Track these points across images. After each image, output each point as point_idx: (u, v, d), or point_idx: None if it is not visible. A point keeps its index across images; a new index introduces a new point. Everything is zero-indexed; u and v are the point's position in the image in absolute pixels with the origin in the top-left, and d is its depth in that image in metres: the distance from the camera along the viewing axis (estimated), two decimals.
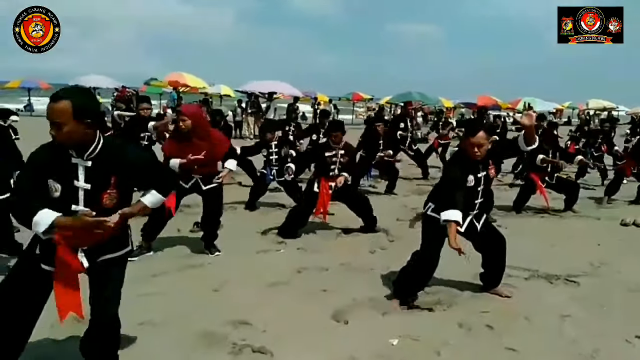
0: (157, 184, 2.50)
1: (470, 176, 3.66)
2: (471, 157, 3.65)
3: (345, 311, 3.61)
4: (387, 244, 5.44)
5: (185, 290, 3.98)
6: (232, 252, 4.95)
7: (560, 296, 4.06)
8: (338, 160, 5.61)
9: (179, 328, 3.28)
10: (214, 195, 4.85)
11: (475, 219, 3.80)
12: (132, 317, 3.36)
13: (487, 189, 3.78)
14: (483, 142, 3.60)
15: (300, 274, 4.42)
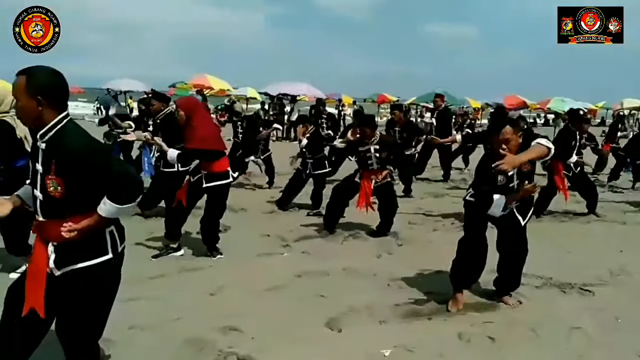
0: (108, 189, 2.21)
1: (499, 175, 3.51)
2: (499, 155, 3.48)
3: (339, 319, 3.47)
4: (395, 249, 5.27)
5: (181, 293, 3.91)
6: (235, 255, 4.88)
7: (573, 306, 3.83)
8: (372, 155, 5.53)
9: (166, 333, 3.20)
10: (213, 195, 4.77)
11: (517, 210, 3.64)
12: (122, 320, 3.31)
13: (522, 182, 3.61)
14: (510, 137, 3.47)
15: (300, 278, 4.30)
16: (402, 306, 3.70)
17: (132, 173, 2.34)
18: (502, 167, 3.22)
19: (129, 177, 2.26)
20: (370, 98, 29.82)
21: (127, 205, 2.27)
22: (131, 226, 5.63)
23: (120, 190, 2.23)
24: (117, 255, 2.40)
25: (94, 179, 2.18)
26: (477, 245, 3.58)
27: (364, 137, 5.56)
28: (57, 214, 2.18)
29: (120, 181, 2.24)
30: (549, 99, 22.18)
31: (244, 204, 7.21)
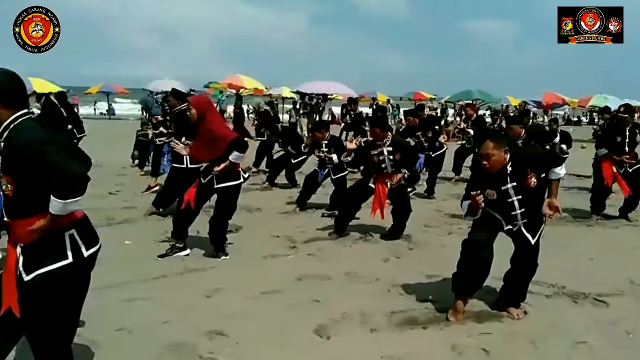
0: (52, 185, 2.10)
1: (488, 190, 3.36)
2: (484, 170, 3.35)
3: (330, 326, 3.38)
4: (405, 252, 5.13)
5: (176, 295, 3.90)
6: (240, 256, 4.86)
7: (582, 319, 3.60)
8: (386, 157, 5.39)
9: (152, 336, 3.19)
10: (223, 196, 4.77)
11: (525, 228, 3.49)
12: (112, 322, 3.36)
13: (527, 198, 3.43)
14: (490, 152, 3.30)
15: (300, 282, 4.23)
16: (399, 314, 3.58)
17: (71, 166, 2.16)
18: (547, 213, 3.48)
19: (67, 170, 2.11)
20: (406, 96, 29.42)
21: (70, 200, 2.14)
22: (147, 226, 5.84)
23: (60, 185, 2.12)
24: (81, 260, 2.31)
25: (35, 173, 2.10)
26: (479, 253, 3.41)
27: (375, 138, 5.44)
28: (17, 213, 2.18)
29: (58, 175, 2.11)
30: (591, 97, 21.27)
31: (261, 203, 7.21)
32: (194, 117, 4.55)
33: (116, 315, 3.50)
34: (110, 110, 29.32)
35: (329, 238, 5.52)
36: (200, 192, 4.77)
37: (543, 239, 5.65)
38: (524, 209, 3.43)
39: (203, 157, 4.71)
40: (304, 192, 6.89)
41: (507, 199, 3.41)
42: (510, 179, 3.39)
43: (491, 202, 3.46)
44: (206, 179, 4.75)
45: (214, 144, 4.60)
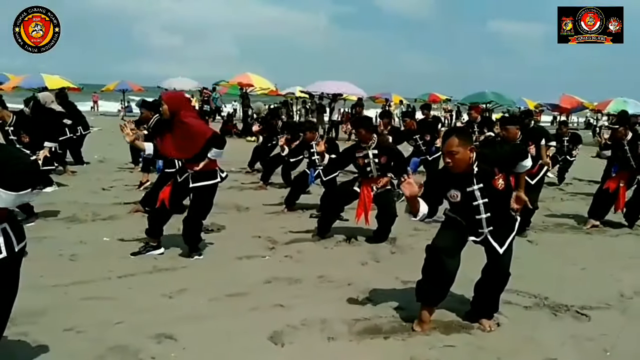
0: (3, 178, 2.12)
1: (452, 191, 3.17)
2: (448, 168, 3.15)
3: (287, 332, 3.22)
4: (386, 256, 4.94)
5: (137, 295, 3.78)
6: (214, 257, 4.74)
7: (558, 333, 3.37)
8: (371, 160, 5.18)
9: (99, 338, 3.06)
10: (198, 195, 4.64)
11: (492, 236, 3.26)
12: (64, 321, 3.26)
13: (494, 202, 3.21)
14: (455, 149, 3.07)
15: (268, 284, 4.08)
16: (362, 322, 3.39)
17: (21, 156, 2.21)
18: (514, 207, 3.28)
19: (17, 161, 2.14)
20: (421, 98, 29.07)
21: (23, 192, 2.17)
22: (129, 223, 5.75)
23: (14, 176, 2.13)
24: (12, 254, 2.30)
25: None
26: (443, 261, 3.20)
27: (361, 140, 5.25)
28: None
29: (9, 166, 2.12)
30: (610, 100, 20.69)
31: (251, 203, 7.09)
32: (166, 112, 4.43)
33: (71, 314, 3.39)
34: (127, 107, 29.63)
35: (311, 240, 5.36)
36: (176, 191, 4.64)
37: (536, 245, 5.50)
38: (489, 214, 3.21)
39: (177, 155, 4.58)
40: (293, 192, 6.74)
41: (472, 201, 3.20)
42: (477, 180, 3.17)
43: (455, 205, 3.25)
44: (182, 178, 4.62)
45: (190, 141, 4.46)
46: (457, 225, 3.31)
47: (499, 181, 3.16)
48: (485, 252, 3.35)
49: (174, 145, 4.50)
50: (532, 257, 5.03)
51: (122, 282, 4.07)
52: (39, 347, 2.93)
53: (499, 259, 3.27)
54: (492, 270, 3.32)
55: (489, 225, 3.24)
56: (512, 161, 3.30)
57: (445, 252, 3.21)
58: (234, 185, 8.58)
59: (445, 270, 3.21)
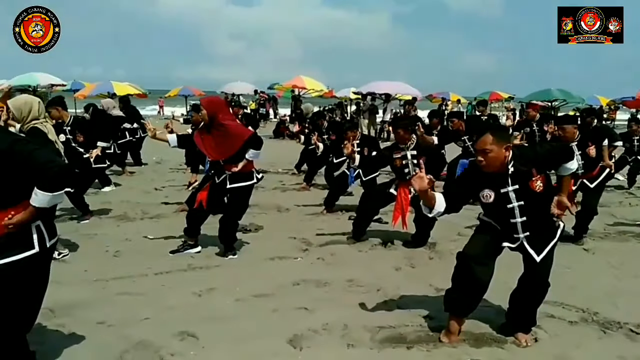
0: (36, 178, 2.26)
1: (485, 191, 2.98)
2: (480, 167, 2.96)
3: (307, 336, 3.17)
4: (422, 262, 4.76)
5: (168, 292, 3.87)
6: (247, 257, 4.78)
7: (604, 353, 3.11)
8: (409, 161, 5.05)
9: (126, 333, 3.16)
10: (234, 196, 4.68)
11: (528, 243, 3.06)
12: (98, 315, 3.37)
13: (531, 205, 3.00)
14: (488, 147, 2.88)
15: (296, 286, 4.05)
16: (386, 329, 3.28)
17: (55, 160, 2.33)
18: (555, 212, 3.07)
19: (52, 164, 2.26)
20: (481, 96, 28.09)
21: (58, 192, 2.32)
22: (174, 222, 5.88)
23: (46, 178, 2.27)
24: (45, 250, 2.44)
25: (17, 168, 2.23)
26: (473, 269, 3.03)
27: (399, 141, 5.08)
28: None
29: (44, 169, 2.26)
30: None
31: (292, 204, 7.09)
32: (205, 117, 4.49)
33: (105, 308, 3.53)
34: (190, 112, 30.71)
35: (346, 243, 5.27)
36: (213, 191, 4.69)
37: (592, 255, 5.11)
38: (525, 218, 3.00)
39: (215, 156, 4.62)
40: (332, 193, 6.67)
41: (506, 204, 3.00)
42: (512, 181, 2.97)
43: (488, 207, 3.05)
44: (220, 179, 4.66)
45: (228, 142, 4.51)
46: (491, 230, 3.13)
47: (537, 183, 2.95)
48: (522, 260, 3.12)
49: (212, 147, 4.56)
50: (586, 267, 4.71)
51: (157, 278, 4.17)
52: (71, 338, 3.07)
53: (535, 267, 3.05)
54: (528, 280, 3.11)
55: (525, 231, 3.03)
56: (553, 162, 3.07)
57: (476, 259, 3.03)
58: (278, 186, 8.64)
59: (475, 279, 3.03)
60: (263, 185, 8.53)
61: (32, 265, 2.39)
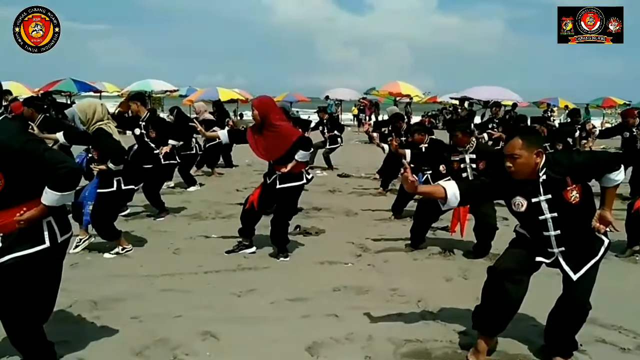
0: (47, 178, 2.37)
1: (517, 198, 2.73)
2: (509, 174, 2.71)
3: (327, 344, 3.07)
4: (477, 274, 4.33)
5: (210, 291, 3.96)
6: (298, 259, 4.78)
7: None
8: (468, 165, 4.79)
9: (153, 329, 3.26)
10: (283, 196, 4.73)
11: (564, 259, 2.77)
12: (134, 310, 3.54)
13: (567, 217, 2.69)
14: (518, 152, 2.62)
15: (334, 292, 3.95)
16: (413, 343, 3.08)
17: (66, 160, 2.42)
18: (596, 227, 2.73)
19: (63, 165, 2.36)
20: (594, 102, 25.71)
21: (67, 192, 2.42)
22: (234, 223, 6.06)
23: (57, 178, 2.37)
24: (56, 245, 2.53)
25: (30, 168, 2.35)
26: (503, 285, 2.76)
27: (457, 143, 4.80)
28: (3, 205, 2.38)
29: (55, 169, 2.36)
30: None
31: (363, 208, 6.98)
32: (257, 117, 4.58)
33: (143, 304, 3.68)
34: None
35: (403, 250, 5.06)
36: (264, 192, 4.77)
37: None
38: (560, 231, 2.66)
39: (265, 156, 4.71)
40: (399, 199, 6.46)
41: (538, 215, 2.69)
42: (544, 190, 2.66)
43: (521, 217, 2.76)
44: (270, 180, 4.73)
45: (278, 143, 4.57)
46: (526, 243, 2.82)
47: (572, 193, 2.61)
48: (561, 278, 2.79)
49: (264, 147, 4.64)
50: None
51: (205, 277, 4.30)
52: (100, 331, 3.22)
53: (573, 287, 2.72)
54: (565, 301, 2.77)
55: (559, 245, 2.71)
56: (593, 171, 2.69)
57: (507, 275, 2.75)
58: (356, 190, 8.57)
59: (505, 296, 2.75)
60: (340, 189, 8.54)
61: (44, 259, 2.48)
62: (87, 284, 4.00)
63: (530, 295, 2.84)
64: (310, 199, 7.30)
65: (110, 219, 4.80)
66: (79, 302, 3.63)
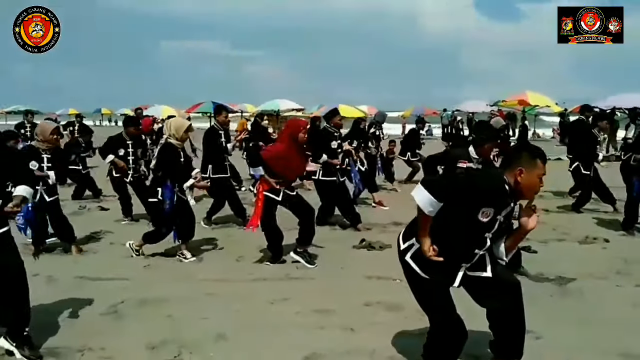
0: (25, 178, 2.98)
1: (490, 209, 2.49)
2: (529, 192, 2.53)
3: (326, 357, 3.01)
4: (539, 298, 3.92)
5: (248, 297, 4.08)
6: (349, 272, 4.77)
7: None
8: None
9: (177, 327, 3.47)
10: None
11: (469, 270, 2.69)
12: (171, 309, 3.83)
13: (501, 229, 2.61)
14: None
15: (366, 307, 3.84)
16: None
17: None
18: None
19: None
20: None
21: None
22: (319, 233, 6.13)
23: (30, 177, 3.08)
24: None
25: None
26: (456, 329, 2.70)
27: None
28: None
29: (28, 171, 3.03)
30: None
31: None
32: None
33: (182, 305, 3.91)
34: (428, 130, 31.24)
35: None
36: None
37: None
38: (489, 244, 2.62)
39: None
40: None
41: (488, 231, 2.56)
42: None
43: (471, 227, 2.52)
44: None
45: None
46: (435, 272, 2.65)
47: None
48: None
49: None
50: None
51: (250, 284, 4.46)
52: (132, 326, 3.54)
53: (494, 281, 2.69)
54: (499, 300, 2.70)
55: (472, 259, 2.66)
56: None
57: (458, 321, 2.69)
58: None
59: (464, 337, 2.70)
60: None
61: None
62: (146, 284, 4.39)
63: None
64: (394, 213, 7.12)
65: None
66: (131, 299, 4.00)
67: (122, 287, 4.31)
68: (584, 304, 3.90)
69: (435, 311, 2.69)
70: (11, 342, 2.94)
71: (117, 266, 4.91)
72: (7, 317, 2.97)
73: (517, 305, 2.67)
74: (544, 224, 6.64)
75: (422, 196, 2.45)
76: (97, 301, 3.92)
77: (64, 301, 3.90)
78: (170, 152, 4.87)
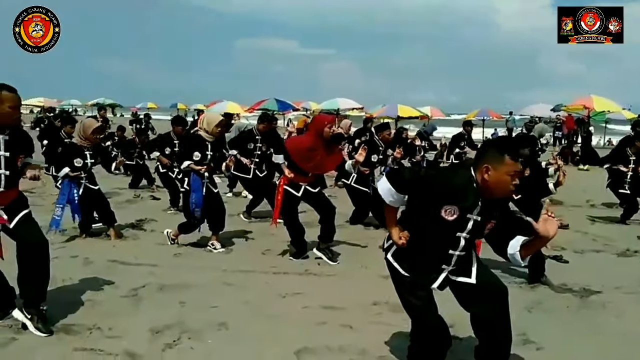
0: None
1: (453, 207, 2.38)
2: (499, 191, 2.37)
3: (317, 352, 3.04)
4: (560, 309, 3.70)
5: (262, 289, 4.17)
6: (367, 272, 4.71)
7: None
8: None
9: (185, 314, 3.60)
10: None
11: (452, 274, 2.61)
12: (185, 297, 3.96)
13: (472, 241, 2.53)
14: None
15: (372, 306, 3.80)
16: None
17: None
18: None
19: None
20: None
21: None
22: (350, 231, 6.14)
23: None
24: None
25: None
26: (440, 333, 2.67)
27: None
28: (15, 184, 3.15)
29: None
30: None
31: None
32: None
33: (199, 293, 4.03)
34: (494, 134, 30.21)
35: None
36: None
37: None
38: (464, 253, 2.50)
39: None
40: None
41: (457, 229, 2.44)
42: (480, 210, 2.42)
43: (436, 227, 2.42)
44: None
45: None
46: (411, 272, 2.61)
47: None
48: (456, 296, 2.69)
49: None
50: None
51: (268, 277, 4.54)
52: (144, 309, 3.71)
53: (479, 288, 2.58)
54: (485, 307, 2.56)
55: (455, 264, 2.57)
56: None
57: (441, 325, 2.67)
58: None
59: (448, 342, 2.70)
60: None
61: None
62: (172, 271, 4.58)
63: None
64: None
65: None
66: (152, 284, 4.20)
67: (148, 272, 4.52)
68: (601, 317, 3.65)
69: (412, 310, 2.63)
70: (26, 314, 3.17)
71: (150, 252, 5.16)
72: (26, 292, 3.21)
73: (502, 312, 2.54)
74: (585, 234, 6.28)
75: (384, 186, 2.52)
76: (121, 284, 4.15)
77: (92, 282, 4.16)
78: (193, 141, 5.06)
